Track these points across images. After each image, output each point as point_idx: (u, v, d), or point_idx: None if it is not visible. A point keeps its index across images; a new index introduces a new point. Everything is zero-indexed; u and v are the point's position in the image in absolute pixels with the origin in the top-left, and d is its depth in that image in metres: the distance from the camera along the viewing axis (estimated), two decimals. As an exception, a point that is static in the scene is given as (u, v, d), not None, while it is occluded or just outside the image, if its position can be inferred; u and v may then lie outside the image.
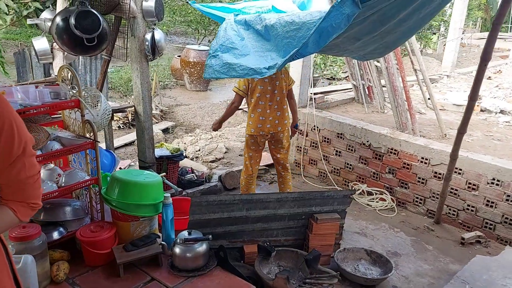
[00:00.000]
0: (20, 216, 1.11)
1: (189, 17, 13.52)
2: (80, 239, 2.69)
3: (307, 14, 2.74)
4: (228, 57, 2.93)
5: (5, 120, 1.00)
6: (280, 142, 3.94)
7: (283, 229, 3.18)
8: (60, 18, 3.24)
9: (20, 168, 1.07)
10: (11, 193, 1.10)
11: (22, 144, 1.06)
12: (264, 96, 3.75)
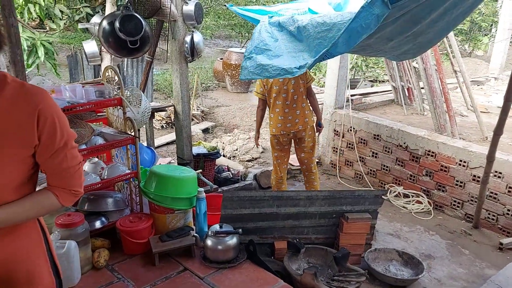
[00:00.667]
0: (62, 201, 1.23)
1: (233, 21, 13.76)
2: (120, 229, 2.87)
3: (338, 15, 2.78)
4: (261, 59, 3.02)
5: (48, 116, 1.12)
6: (303, 141, 3.97)
7: (314, 227, 3.22)
8: (106, 22, 3.45)
9: (62, 159, 1.19)
10: (55, 180, 1.22)
11: (64, 138, 1.18)
12: (280, 96, 3.83)
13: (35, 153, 1.15)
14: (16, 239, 1.21)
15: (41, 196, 1.21)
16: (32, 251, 1.26)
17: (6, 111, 1.09)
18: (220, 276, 2.68)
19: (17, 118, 1.09)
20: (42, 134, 1.12)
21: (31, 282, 1.25)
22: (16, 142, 1.10)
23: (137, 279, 2.63)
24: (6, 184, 1.13)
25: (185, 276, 2.68)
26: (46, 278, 1.31)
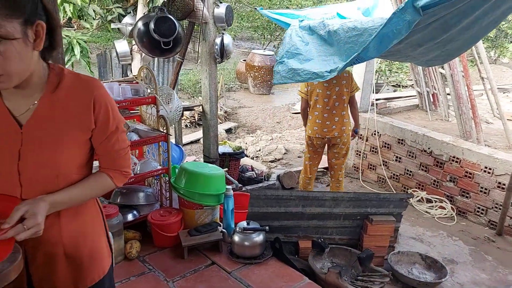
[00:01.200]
0: (116, 181, 1.34)
1: (256, 23, 13.86)
2: (151, 222, 2.98)
3: (369, 20, 2.84)
4: (293, 63, 3.10)
5: (101, 102, 1.23)
6: (336, 147, 4.01)
7: (338, 228, 3.28)
8: (141, 23, 3.58)
9: (114, 142, 1.30)
10: (108, 162, 1.33)
11: (115, 122, 1.29)
12: (321, 100, 3.87)
13: (91, 137, 1.25)
14: (82, 217, 1.32)
15: (99, 178, 1.31)
16: (94, 229, 1.37)
17: (67, 99, 1.20)
18: (246, 271, 2.76)
19: (76, 105, 1.20)
20: (98, 118, 1.23)
21: (93, 257, 1.36)
22: (77, 126, 1.21)
23: (167, 271, 2.73)
24: (71, 165, 1.23)
25: (213, 269, 2.77)
26: (105, 255, 1.42)
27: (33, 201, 1.11)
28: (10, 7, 1.00)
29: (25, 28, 1.04)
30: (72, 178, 1.25)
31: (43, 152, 1.18)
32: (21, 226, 1.05)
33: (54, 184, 1.21)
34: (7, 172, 1.18)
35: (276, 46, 13.80)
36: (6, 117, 1.16)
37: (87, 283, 1.34)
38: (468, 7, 2.43)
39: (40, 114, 1.18)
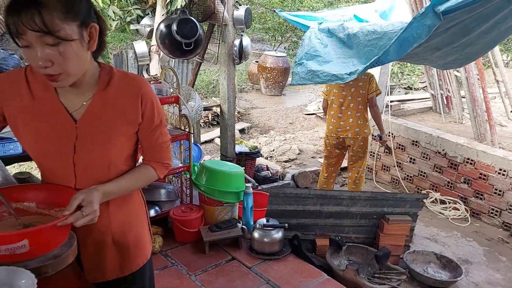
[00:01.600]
0: (158, 172, 1.42)
1: (267, 25, 13.93)
2: (173, 218, 3.07)
3: (389, 24, 2.91)
4: (312, 64, 3.18)
5: (148, 98, 1.31)
6: (351, 149, 4.04)
7: (354, 227, 3.34)
8: (163, 24, 3.68)
9: (158, 135, 1.38)
10: (151, 155, 1.41)
11: (159, 117, 1.37)
12: (337, 100, 3.94)
13: (138, 130, 1.33)
14: (128, 207, 1.40)
15: (144, 169, 1.39)
16: (138, 218, 1.45)
17: (116, 96, 1.28)
18: (266, 266, 2.84)
19: (125, 101, 1.28)
20: (144, 113, 1.31)
21: (138, 244, 1.45)
22: (126, 121, 1.29)
23: (189, 265, 2.82)
24: (120, 156, 1.32)
25: (234, 264, 2.86)
26: (148, 243, 1.51)
27: (88, 191, 1.19)
28: (68, 11, 1.08)
29: (81, 30, 1.12)
30: (121, 168, 1.33)
31: (96, 145, 1.26)
32: (80, 213, 1.13)
33: (105, 174, 1.30)
34: (63, 165, 1.26)
35: (287, 48, 13.86)
36: (62, 113, 1.24)
37: (133, 268, 1.43)
38: (488, 12, 2.48)
39: (92, 110, 1.26)
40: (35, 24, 1.03)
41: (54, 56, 1.09)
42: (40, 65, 1.09)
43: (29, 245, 1.05)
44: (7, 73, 1.26)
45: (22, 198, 1.26)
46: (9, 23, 1.05)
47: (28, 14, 1.03)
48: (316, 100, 8.88)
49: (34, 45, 1.07)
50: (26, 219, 1.23)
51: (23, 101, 1.23)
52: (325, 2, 14.63)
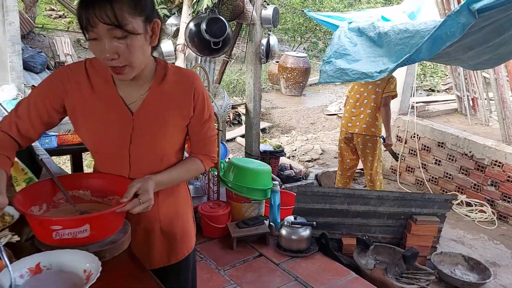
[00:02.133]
0: (205, 165, 1.46)
1: (287, 25, 13.95)
2: (201, 213, 3.11)
3: (421, 23, 2.89)
4: (341, 63, 3.18)
5: (200, 92, 1.35)
6: (360, 148, 4.03)
7: (381, 227, 3.33)
8: (193, 23, 3.73)
9: (207, 129, 1.41)
10: (200, 148, 1.44)
11: (209, 111, 1.40)
12: (354, 96, 3.97)
13: (189, 123, 1.37)
14: (175, 198, 1.45)
15: (192, 162, 1.43)
16: (184, 209, 1.50)
17: (171, 90, 1.32)
18: (294, 263, 2.86)
19: (179, 95, 1.32)
20: (196, 106, 1.35)
21: (184, 235, 1.49)
22: (179, 114, 1.33)
23: (218, 260, 2.86)
24: (172, 148, 1.36)
25: (261, 261, 2.88)
26: (192, 234, 1.55)
27: (144, 179, 1.23)
28: (136, 6, 1.12)
29: (146, 25, 1.17)
30: (172, 160, 1.37)
31: (151, 136, 1.30)
32: (137, 200, 1.17)
33: (158, 165, 1.34)
34: (119, 155, 1.31)
35: (306, 48, 13.84)
36: (120, 105, 1.29)
37: (179, 257, 1.47)
38: (525, 11, 2.46)
39: (148, 103, 1.30)
40: (107, 17, 1.08)
41: (121, 49, 1.13)
42: (107, 57, 1.13)
43: (90, 229, 1.10)
44: (68, 66, 1.31)
45: (78, 186, 1.31)
46: (81, 16, 1.10)
47: (101, 8, 1.08)
48: (337, 101, 8.86)
49: (102, 37, 1.12)
50: (81, 206, 1.28)
51: (83, 93, 1.28)
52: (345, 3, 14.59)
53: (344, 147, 4.19)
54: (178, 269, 1.48)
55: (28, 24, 9.00)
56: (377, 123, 3.97)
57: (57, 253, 1.07)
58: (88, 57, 1.34)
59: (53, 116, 1.31)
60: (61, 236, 1.08)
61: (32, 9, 9.60)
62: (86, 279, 1.01)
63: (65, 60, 8.37)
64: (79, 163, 3.37)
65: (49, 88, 1.29)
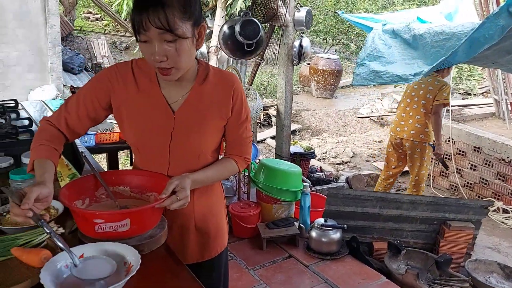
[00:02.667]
0: (239, 166, 1.48)
1: (319, 27, 13.89)
2: (231, 213, 3.15)
3: (458, 25, 2.84)
4: (375, 65, 3.16)
5: (238, 94, 1.38)
6: (408, 153, 3.96)
7: (413, 232, 3.28)
8: (227, 26, 3.79)
9: (243, 130, 1.44)
10: (234, 148, 1.47)
11: (246, 112, 1.43)
12: (405, 100, 3.90)
13: (226, 124, 1.40)
14: (210, 196, 1.49)
15: (227, 162, 1.46)
16: (218, 208, 1.53)
17: (211, 91, 1.36)
18: (323, 266, 2.85)
19: (218, 95, 1.36)
20: (234, 107, 1.38)
21: (217, 232, 1.52)
22: (218, 114, 1.37)
23: (247, 260, 2.89)
24: (210, 147, 1.40)
25: (291, 262, 2.89)
26: (225, 232, 1.58)
27: (182, 177, 1.27)
28: (186, 11, 1.17)
29: (194, 29, 1.22)
30: (208, 159, 1.41)
31: (190, 135, 1.34)
32: (175, 197, 1.21)
33: (195, 163, 1.38)
34: (160, 152, 1.36)
35: (338, 50, 13.74)
36: (163, 104, 1.34)
37: (212, 254, 1.51)
38: None
39: (189, 103, 1.35)
40: (159, 21, 1.13)
41: (170, 52, 1.18)
42: (156, 59, 1.19)
43: (130, 224, 1.14)
44: (115, 65, 1.37)
45: (118, 182, 1.36)
46: (134, 19, 1.16)
47: (154, 12, 1.13)
48: (369, 103, 8.75)
49: (153, 40, 1.17)
50: (121, 202, 1.33)
51: (129, 92, 1.34)
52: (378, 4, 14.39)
53: (391, 153, 4.12)
54: (211, 265, 1.52)
55: (68, 26, 9.34)
56: (427, 130, 3.85)
57: (100, 245, 1.12)
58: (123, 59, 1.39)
59: (99, 113, 1.37)
60: (103, 229, 1.14)
61: (71, 12, 9.96)
62: (127, 271, 1.05)
63: (101, 61, 8.64)
64: (115, 161, 3.48)
65: (97, 86, 1.35)
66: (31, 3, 5.83)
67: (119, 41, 10.89)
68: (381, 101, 8.30)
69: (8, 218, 1.34)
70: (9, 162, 1.55)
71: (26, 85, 6.01)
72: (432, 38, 2.92)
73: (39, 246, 1.18)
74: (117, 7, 10.18)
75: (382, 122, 7.72)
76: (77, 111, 1.35)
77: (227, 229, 1.60)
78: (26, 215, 1.06)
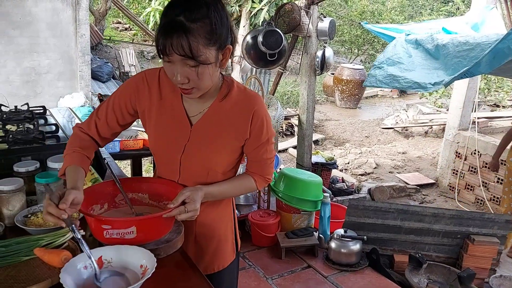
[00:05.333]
0: (258, 184, 1.47)
1: (344, 37, 13.86)
2: (251, 221, 3.17)
3: (483, 36, 2.80)
4: (393, 70, 3.15)
5: (259, 117, 1.36)
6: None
7: (436, 245, 3.21)
8: (250, 36, 3.84)
9: (263, 151, 1.42)
10: (255, 167, 1.45)
11: (267, 136, 1.41)
12: None
13: (244, 145, 1.39)
14: (219, 208, 1.48)
15: (245, 179, 1.45)
16: (222, 229, 1.51)
17: (231, 109, 1.35)
18: (343, 277, 2.82)
19: (237, 115, 1.35)
20: (253, 130, 1.36)
21: (216, 253, 1.50)
22: (235, 134, 1.36)
23: (266, 268, 2.89)
24: (221, 166, 1.39)
25: (309, 272, 2.87)
26: (228, 253, 1.55)
27: (194, 189, 1.28)
28: (211, 38, 1.17)
29: (218, 53, 1.22)
30: (219, 177, 1.40)
31: (202, 150, 1.35)
32: (183, 208, 1.21)
33: (203, 178, 1.38)
34: (172, 161, 1.38)
35: (363, 60, 13.65)
36: (182, 115, 1.37)
37: (208, 270, 1.47)
38: None
39: (207, 118, 1.36)
40: (182, 49, 1.14)
41: (191, 75, 1.20)
42: (178, 81, 1.22)
43: (136, 231, 1.17)
44: (144, 72, 1.41)
45: (138, 189, 1.40)
46: (158, 41, 1.17)
47: (178, 39, 1.13)
48: (394, 114, 8.64)
49: (175, 63, 1.19)
50: (138, 209, 1.36)
51: (152, 99, 1.38)
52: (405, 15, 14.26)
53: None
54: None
55: (97, 36, 9.62)
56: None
57: (118, 248, 1.15)
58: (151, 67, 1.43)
59: (126, 118, 1.42)
60: (111, 235, 1.16)
61: (101, 22, 10.26)
62: (142, 274, 1.08)
63: (129, 70, 8.85)
64: (139, 168, 3.55)
65: (126, 92, 1.40)
66: (63, 13, 6.05)
67: (146, 50, 11.13)
68: (406, 112, 8.19)
69: (32, 219, 1.40)
70: (36, 166, 1.61)
71: (56, 92, 6.21)
72: (455, 48, 2.89)
73: (60, 248, 1.23)
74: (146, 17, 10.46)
75: (406, 133, 7.62)
76: (106, 116, 1.40)
77: (232, 250, 1.56)
78: (61, 216, 1.09)
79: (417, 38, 3.29)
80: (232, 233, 1.56)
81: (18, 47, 5.87)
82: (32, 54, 5.97)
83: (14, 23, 5.76)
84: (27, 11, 5.81)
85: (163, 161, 1.42)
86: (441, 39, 3.06)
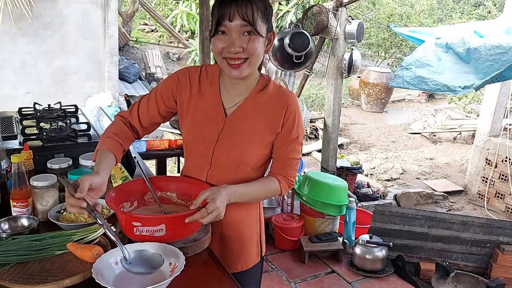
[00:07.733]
0: (282, 187, 1.45)
1: (371, 40, 13.70)
2: (274, 224, 3.16)
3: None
4: (421, 72, 3.10)
5: (292, 112, 1.37)
6: None
7: (464, 254, 3.13)
8: (277, 38, 3.83)
9: (291, 150, 1.41)
10: (279, 167, 1.45)
11: (297, 133, 1.41)
12: None
13: (275, 139, 1.40)
14: (246, 210, 1.49)
15: (270, 181, 1.44)
16: (248, 231, 1.51)
17: (266, 103, 1.38)
18: (367, 284, 2.79)
19: (272, 108, 1.38)
20: (285, 124, 1.38)
21: (239, 255, 1.50)
22: (268, 127, 1.38)
23: (289, 272, 2.88)
24: (253, 158, 1.40)
25: (333, 277, 2.85)
26: (252, 256, 1.54)
27: (216, 188, 1.28)
28: (264, 14, 1.28)
29: (267, 32, 1.31)
30: (249, 172, 1.41)
31: (235, 141, 1.38)
32: (205, 211, 1.21)
33: (233, 171, 1.39)
34: (205, 150, 1.40)
35: (390, 64, 13.46)
36: (218, 106, 1.40)
37: (231, 270, 1.43)
38: None
39: (242, 110, 1.39)
40: (246, 14, 1.23)
41: (246, 43, 1.26)
42: (232, 51, 1.25)
43: (166, 229, 1.18)
44: (188, 68, 1.47)
45: (167, 188, 1.42)
46: (219, 10, 1.25)
47: (242, 5, 1.23)
48: (422, 119, 8.48)
49: (232, 32, 1.25)
50: (166, 207, 1.38)
51: (192, 93, 1.43)
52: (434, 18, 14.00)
53: None
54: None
55: (124, 37, 9.79)
56: None
57: (148, 245, 1.17)
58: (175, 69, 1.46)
59: (166, 111, 1.47)
60: (141, 232, 1.18)
61: (128, 24, 10.45)
62: (171, 271, 1.09)
63: (155, 71, 8.98)
64: (163, 168, 3.60)
65: (169, 83, 1.45)
66: (92, 14, 6.19)
67: (172, 52, 11.26)
68: (434, 117, 8.02)
69: (65, 215, 1.44)
70: (68, 163, 1.65)
71: (84, 92, 6.36)
72: (487, 51, 2.82)
73: (92, 243, 1.25)
74: (173, 19, 10.59)
75: (434, 138, 7.46)
76: (148, 105, 1.45)
77: (257, 253, 1.55)
78: (80, 205, 1.12)
79: (448, 41, 3.22)
80: (258, 236, 1.56)
81: (49, 48, 6.03)
82: (61, 54, 6.13)
83: (46, 24, 5.93)
84: (58, 12, 5.97)
85: (196, 151, 1.43)
86: (473, 42, 2.99)
